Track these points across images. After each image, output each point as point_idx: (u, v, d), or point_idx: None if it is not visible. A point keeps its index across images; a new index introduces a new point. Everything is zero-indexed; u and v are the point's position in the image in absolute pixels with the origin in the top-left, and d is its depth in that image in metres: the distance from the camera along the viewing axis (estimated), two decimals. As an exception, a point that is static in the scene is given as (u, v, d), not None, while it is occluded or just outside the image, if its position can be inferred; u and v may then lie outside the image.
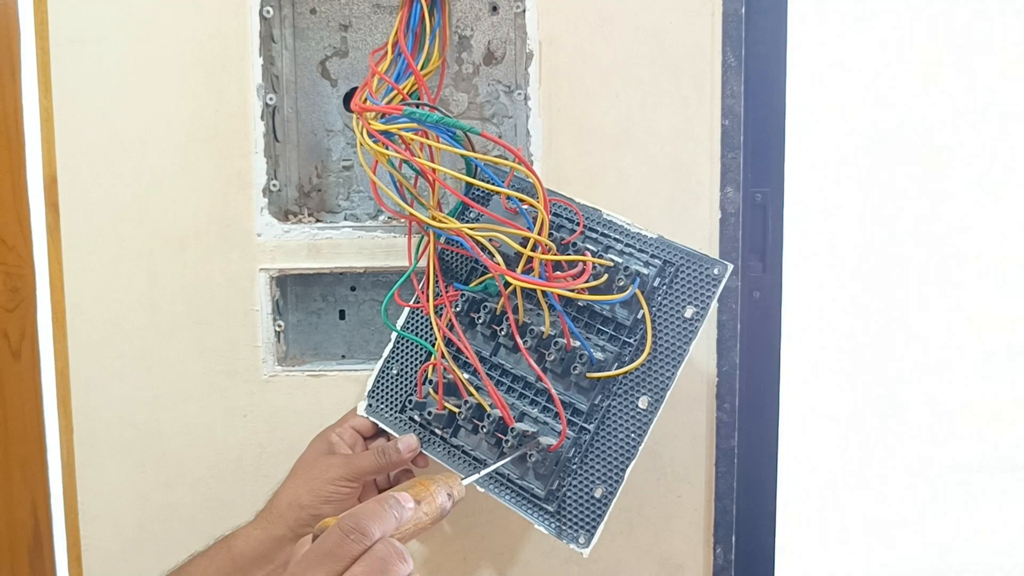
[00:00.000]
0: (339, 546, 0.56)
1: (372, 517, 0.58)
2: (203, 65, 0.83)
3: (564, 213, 0.75)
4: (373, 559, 0.56)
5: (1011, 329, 1.02)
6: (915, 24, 0.96)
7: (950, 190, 0.99)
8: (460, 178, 0.74)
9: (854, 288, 1.00)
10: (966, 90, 0.98)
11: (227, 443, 0.87)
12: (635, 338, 0.70)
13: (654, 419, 0.69)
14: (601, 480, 0.70)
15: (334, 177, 0.89)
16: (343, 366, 0.86)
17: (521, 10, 0.83)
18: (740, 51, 0.82)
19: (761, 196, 0.90)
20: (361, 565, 0.56)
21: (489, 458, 0.74)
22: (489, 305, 0.75)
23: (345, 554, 0.56)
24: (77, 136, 0.83)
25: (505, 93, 0.87)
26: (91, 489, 0.88)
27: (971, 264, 1.01)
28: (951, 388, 1.03)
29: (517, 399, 0.74)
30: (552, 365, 0.72)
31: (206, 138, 0.83)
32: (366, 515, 0.58)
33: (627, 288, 0.69)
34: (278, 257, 0.84)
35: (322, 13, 0.87)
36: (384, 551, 0.57)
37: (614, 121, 0.82)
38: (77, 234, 0.85)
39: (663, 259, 0.70)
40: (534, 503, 0.72)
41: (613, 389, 0.71)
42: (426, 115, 0.70)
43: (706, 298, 0.69)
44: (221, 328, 0.85)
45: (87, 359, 0.86)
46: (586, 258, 0.70)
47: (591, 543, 0.69)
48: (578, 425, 0.71)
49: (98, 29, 0.82)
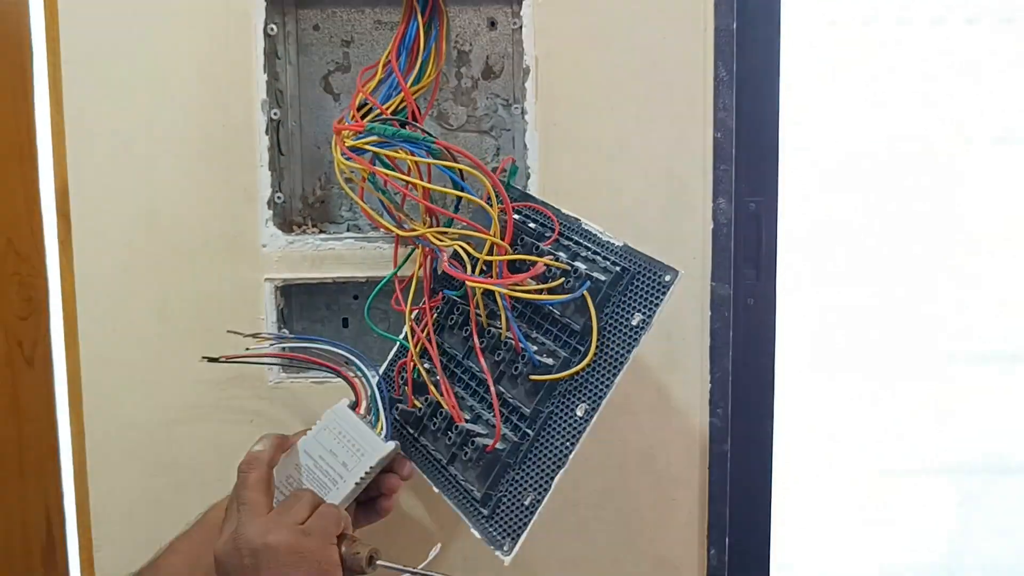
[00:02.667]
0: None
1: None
2: (209, 81, 0.85)
3: (548, 223, 0.76)
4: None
5: (1006, 337, 1.04)
6: (908, 35, 0.98)
7: (943, 198, 1.01)
8: (437, 190, 0.77)
9: (847, 295, 1.02)
10: (961, 101, 0.99)
11: (234, 449, 0.88)
12: (584, 344, 0.70)
13: (587, 427, 0.68)
14: (532, 487, 0.70)
15: (337, 189, 0.91)
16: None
17: (518, 26, 0.85)
18: (732, 65, 0.84)
19: (755, 205, 0.91)
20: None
21: (444, 457, 0.75)
22: (462, 308, 0.77)
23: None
24: (87, 150, 0.86)
25: (503, 107, 0.89)
26: (103, 494, 0.90)
27: (966, 271, 1.02)
28: (945, 394, 1.04)
29: (478, 402, 0.75)
30: (505, 367, 0.73)
31: (212, 152, 0.86)
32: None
33: (575, 289, 0.69)
34: (283, 267, 0.87)
35: (325, 29, 0.89)
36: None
37: (609, 134, 0.85)
38: (88, 244, 0.87)
39: (622, 266, 0.70)
40: (473, 505, 0.72)
41: (556, 395, 0.70)
42: (384, 128, 0.73)
43: (653, 305, 0.67)
44: (227, 337, 0.87)
45: (98, 367, 0.88)
46: (537, 258, 0.70)
47: (514, 551, 0.69)
48: (521, 430, 0.71)
49: (107, 47, 0.85)
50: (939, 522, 1.07)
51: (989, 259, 1.02)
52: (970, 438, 1.05)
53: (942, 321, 1.03)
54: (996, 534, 1.07)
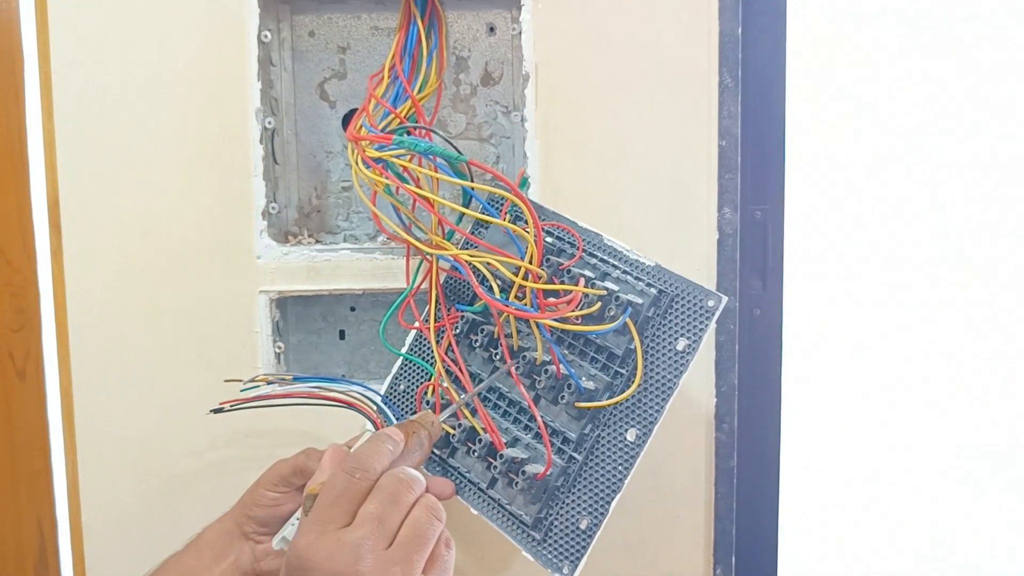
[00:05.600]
0: (348, 488, 0.59)
1: (371, 455, 0.61)
2: (203, 89, 0.83)
3: (566, 237, 0.75)
4: (383, 493, 0.59)
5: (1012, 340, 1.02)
6: (914, 41, 0.96)
7: (951, 203, 0.99)
8: (456, 208, 0.74)
9: (855, 305, 1.00)
10: (966, 106, 0.97)
11: (229, 463, 0.87)
12: (627, 368, 0.69)
13: (641, 452, 0.68)
14: (587, 511, 0.69)
15: (333, 198, 0.89)
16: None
17: (518, 32, 0.83)
18: (736, 72, 0.82)
19: (761, 213, 0.89)
20: (373, 502, 0.58)
21: (482, 481, 0.74)
22: (487, 328, 0.76)
23: (356, 493, 0.59)
24: (79, 159, 0.84)
25: (503, 114, 0.87)
26: (95, 507, 0.88)
27: (974, 276, 1.00)
28: (955, 404, 1.02)
29: (512, 423, 0.74)
30: (543, 392, 0.72)
31: (206, 161, 0.84)
32: (366, 454, 0.61)
33: (618, 318, 0.68)
34: (278, 279, 0.85)
35: (320, 36, 0.87)
36: (390, 484, 0.60)
37: (611, 142, 0.83)
38: (79, 255, 0.85)
39: (659, 288, 0.69)
40: (523, 529, 0.72)
41: (602, 419, 0.70)
42: (415, 143, 0.71)
43: (699, 331, 0.67)
44: (222, 349, 0.86)
45: (90, 379, 0.87)
46: (576, 287, 0.69)
47: (575, 574, 0.69)
48: (567, 454, 0.71)
49: (98, 53, 0.83)
50: (950, 537, 1.05)
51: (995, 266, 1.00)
52: (980, 447, 1.03)
53: (953, 329, 1.01)
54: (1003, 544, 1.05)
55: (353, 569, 0.55)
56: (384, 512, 0.58)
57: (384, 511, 0.58)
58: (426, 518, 0.59)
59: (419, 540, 0.58)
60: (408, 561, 0.57)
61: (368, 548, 0.56)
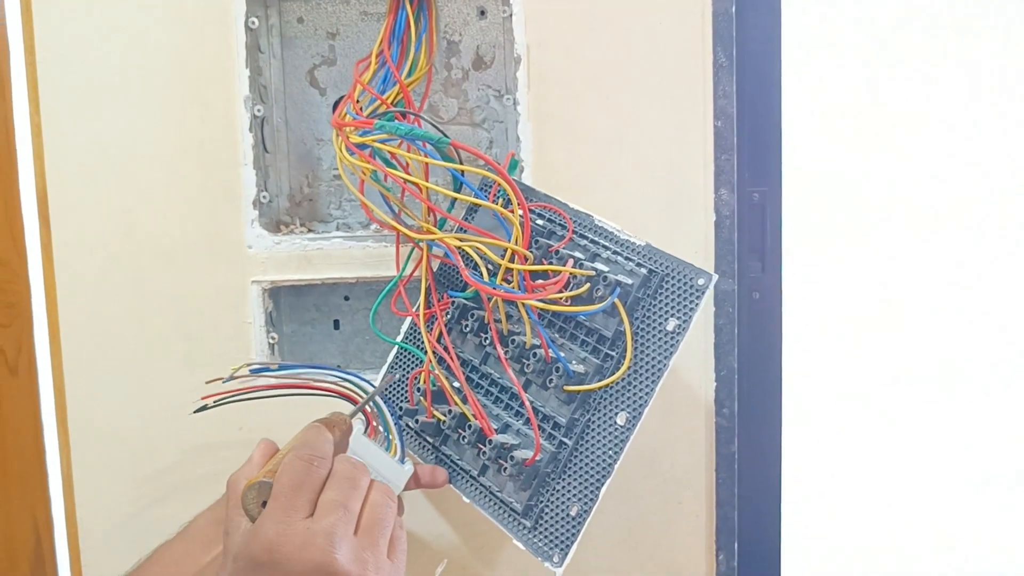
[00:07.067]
0: (308, 475, 0.57)
1: (321, 441, 0.60)
2: (190, 78, 0.82)
3: (557, 219, 0.74)
4: (341, 479, 0.58)
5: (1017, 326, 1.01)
6: (912, 16, 0.94)
7: (951, 186, 0.98)
8: (446, 193, 0.73)
9: (856, 287, 0.99)
10: (965, 85, 0.96)
11: (223, 456, 0.86)
12: (617, 350, 0.68)
13: (631, 436, 0.66)
14: (577, 498, 0.68)
15: (325, 186, 0.88)
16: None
17: (508, 14, 0.82)
18: (731, 51, 0.81)
19: (759, 195, 0.88)
20: (332, 489, 0.58)
21: (473, 468, 0.73)
22: (477, 313, 0.74)
23: (316, 481, 0.58)
24: (66, 151, 0.83)
25: (495, 98, 0.86)
26: (89, 504, 0.87)
27: (975, 262, 0.99)
28: (956, 388, 1.01)
29: (503, 410, 0.73)
30: (533, 376, 0.71)
31: (195, 151, 0.83)
32: (316, 441, 0.60)
33: (606, 298, 0.67)
34: (269, 269, 0.84)
35: (309, 22, 0.86)
36: (346, 469, 0.59)
37: (605, 124, 0.81)
38: (68, 249, 0.84)
39: (648, 268, 0.68)
40: (513, 516, 0.71)
41: (592, 403, 0.68)
42: (397, 126, 0.70)
43: (689, 310, 0.66)
44: (214, 341, 0.84)
45: (81, 374, 0.86)
46: (563, 268, 0.68)
47: (564, 562, 0.67)
48: (557, 439, 0.69)
49: (84, 44, 0.82)
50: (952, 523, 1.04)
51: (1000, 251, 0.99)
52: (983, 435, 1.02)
53: (954, 313, 1.00)
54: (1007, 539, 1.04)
55: (330, 558, 0.54)
56: (347, 498, 0.57)
57: (346, 497, 0.57)
58: (383, 500, 0.59)
59: (381, 524, 0.58)
60: (376, 546, 0.57)
61: (340, 535, 0.55)
